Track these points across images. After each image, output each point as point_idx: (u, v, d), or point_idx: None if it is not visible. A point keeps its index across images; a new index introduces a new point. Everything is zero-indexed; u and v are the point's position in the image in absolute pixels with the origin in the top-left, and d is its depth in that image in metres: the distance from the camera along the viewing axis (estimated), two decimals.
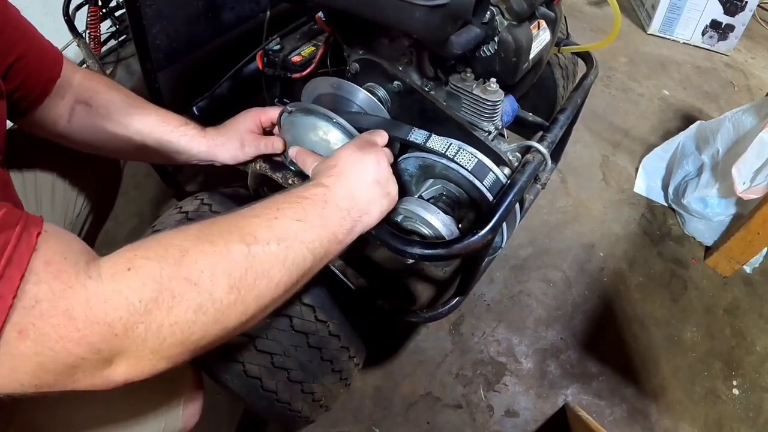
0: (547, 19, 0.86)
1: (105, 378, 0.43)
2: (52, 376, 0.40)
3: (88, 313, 0.40)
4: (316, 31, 1.07)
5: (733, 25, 2.60)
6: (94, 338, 0.40)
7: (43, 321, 0.38)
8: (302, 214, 0.57)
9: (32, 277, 0.38)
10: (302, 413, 0.86)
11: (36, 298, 0.38)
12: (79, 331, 0.39)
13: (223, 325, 0.48)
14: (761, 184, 1.40)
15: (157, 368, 0.46)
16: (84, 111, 0.78)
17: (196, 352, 0.48)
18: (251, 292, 0.49)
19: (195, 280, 0.46)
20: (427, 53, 0.86)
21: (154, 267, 0.44)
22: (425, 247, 0.70)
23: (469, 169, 0.76)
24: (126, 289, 0.42)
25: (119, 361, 0.43)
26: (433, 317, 0.93)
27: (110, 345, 0.41)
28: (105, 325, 0.41)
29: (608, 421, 1.28)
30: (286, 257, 0.53)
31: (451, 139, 0.80)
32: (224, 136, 0.85)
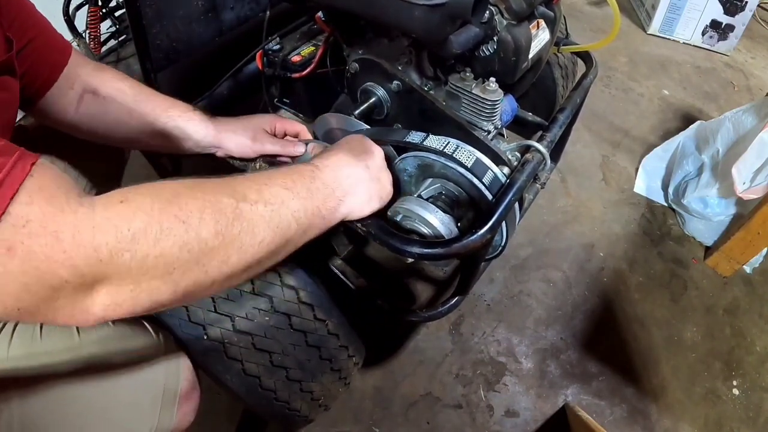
0: (546, 19, 0.86)
1: (84, 309, 0.44)
2: (35, 299, 0.41)
3: (75, 235, 0.41)
4: (316, 30, 1.07)
5: (733, 25, 2.60)
6: (79, 261, 0.41)
7: (32, 240, 0.39)
8: (290, 185, 0.59)
9: (24, 198, 0.39)
10: (301, 412, 0.86)
11: (27, 218, 0.39)
12: (65, 253, 0.40)
13: (205, 269, 0.49)
14: (761, 184, 1.40)
15: (136, 304, 0.46)
16: (92, 100, 0.79)
17: (177, 296, 0.49)
18: (234, 242, 0.51)
19: (184, 219, 0.47)
20: (426, 53, 0.86)
21: (146, 201, 0.46)
22: (424, 247, 0.70)
23: (468, 166, 0.76)
24: (116, 217, 0.43)
25: (100, 288, 0.44)
26: (432, 317, 0.93)
27: (94, 270, 0.42)
28: (91, 249, 0.41)
29: (608, 421, 1.28)
30: (271, 219, 0.55)
31: (448, 138, 0.80)
32: (235, 125, 0.87)
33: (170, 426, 0.72)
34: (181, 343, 0.75)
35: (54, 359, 0.65)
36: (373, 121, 0.92)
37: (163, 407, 0.71)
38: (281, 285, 0.77)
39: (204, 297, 0.53)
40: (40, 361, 0.64)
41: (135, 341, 0.71)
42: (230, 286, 0.54)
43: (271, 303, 0.76)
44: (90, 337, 0.68)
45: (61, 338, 0.66)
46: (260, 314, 0.76)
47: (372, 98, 0.88)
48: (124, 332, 0.71)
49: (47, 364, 0.64)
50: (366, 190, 0.69)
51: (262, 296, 0.76)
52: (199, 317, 0.74)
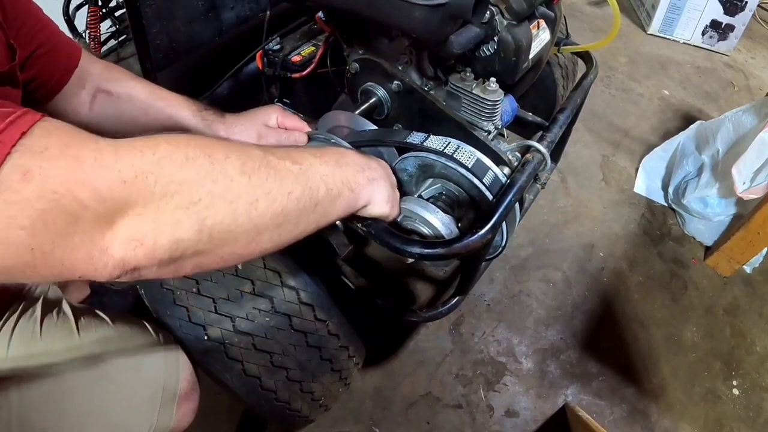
0: (546, 19, 0.86)
1: (104, 248, 0.40)
2: (51, 233, 0.37)
3: (98, 158, 0.39)
4: (316, 30, 1.07)
5: (733, 25, 2.60)
6: (100, 182, 0.39)
7: (51, 163, 0.37)
8: (319, 154, 0.58)
9: (42, 131, 0.38)
10: (301, 413, 0.86)
11: (46, 146, 0.37)
12: (85, 173, 0.38)
13: (232, 208, 0.46)
14: (761, 184, 1.40)
15: (158, 241, 0.42)
16: (106, 99, 0.80)
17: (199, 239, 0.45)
18: (262, 185, 0.48)
19: (209, 153, 0.45)
20: (426, 53, 0.86)
21: (172, 137, 0.44)
22: (425, 247, 0.70)
23: (468, 166, 0.76)
24: (140, 144, 0.42)
25: (121, 220, 0.41)
26: (432, 317, 0.93)
27: (116, 193, 0.39)
28: (114, 170, 0.39)
29: (608, 421, 1.28)
30: (299, 175, 0.53)
31: (449, 138, 0.80)
32: (243, 124, 0.89)
33: (169, 425, 0.72)
34: (182, 343, 0.75)
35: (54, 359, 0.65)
36: (373, 121, 0.92)
37: (162, 407, 0.71)
38: (282, 286, 0.77)
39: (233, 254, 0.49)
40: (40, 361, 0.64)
41: (135, 341, 0.71)
42: (261, 247, 0.51)
43: (272, 304, 0.76)
44: (90, 337, 0.68)
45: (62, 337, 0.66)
46: (261, 315, 0.76)
47: (372, 98, 0.88)
48: (124, 332, 0.71)
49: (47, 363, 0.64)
50: (387, 189, 0.68)
51: (262, 297, 0.76)
52: (199, 318, 0.74)
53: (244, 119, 0.89)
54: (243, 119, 0.89)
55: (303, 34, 1.07)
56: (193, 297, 0.74)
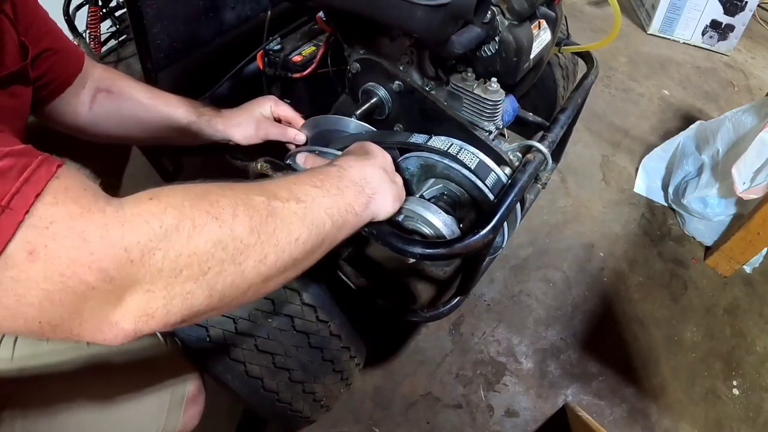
0: (547, 19, 0.86)
1: (113, 322, 0.40)
2: (59, 310, 0.37)
3: (104, 235, 0.38)
4: (317, 31, 1.07)
5: (733, 25, 2.60)
6: (107, 263, 0.38)
7: (57, 242, 0.36)
8: (319, 183, 0.58)
9: (49, 198, 0.37)
10: (303, 413, 0.86)
11: (51, 219, 0.37)
12: (92, 255, 0.37)
13: (241, 269, 0.46)
14: (761, 184, 1.40)
15: (170, 313, 0.43)
16: (106, 98, 0.81)
17: (213, 302, 0.45)
18: (270, 239, 0.48)
19: (216, 215, 0.45)
20: (427, 53, 0.86)
21: (176, 197, 0.44)
22: (426, 247, 0.70)
23: (471, 168, 0.76)
24: (146, 214, 0.41)
25: (130, 297, 0.41)
26: (433, 317, 0.93)
27: (124, 272, 0.39)
28: (121, 249, 0.39)
29: (608, 421, 1.28)
30: (305, 216, 0.53)
31: (452, 139, 0.80)
32: (240, 117, 0.92)
33: (175, 429, 0.72)
34: (184, 344, 0.75)
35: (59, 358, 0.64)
36: (374, 121, 0.92)
37: (169, 411, 0.71)
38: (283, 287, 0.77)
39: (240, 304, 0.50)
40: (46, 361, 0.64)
41: (142, 343, 0.71)
42: (266, 291, 0.51)
43: (274, 305, 0.76)
44: None
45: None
46: (263, 316, 0.76)
47: (373, 98, 0.88)
48: None
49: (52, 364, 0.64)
50: (390, 189, 0.68)
51: (264, 298, 0.76)
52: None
53: (240, 113, 0.92)
54: (239, 113, 0.92)
55: (304, 34, 1.06)
56: None
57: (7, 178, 0.36)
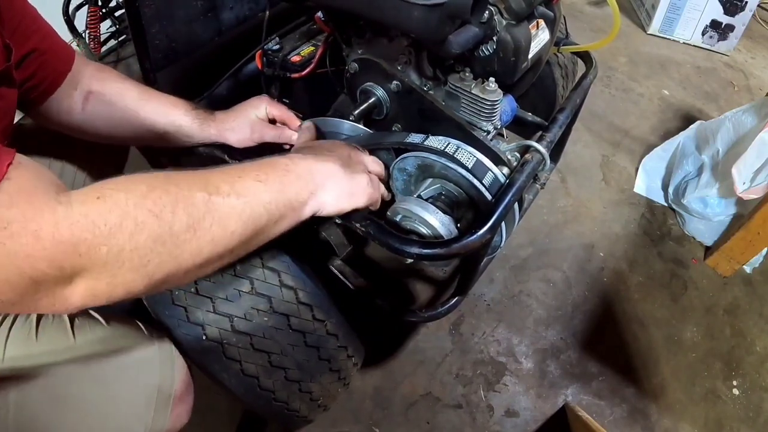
0: (545, 19, 0.86)
1: (64, 299, 0.46)
2: (17, 292, 0.43)
3: (55, 233, 0.43)
4: (316, 31, 1.07)
5: (733, 25, 2.60)
6: (58, 256, 0.43)
7: (13, 240, 0.41)
8: (264, 177, 0.61)
9: (5, 201, 0.42)
10: (300, 412, 0.86)
11: (8, 220, 0.41)
12: (45, 250, 0.43)
13: (177, 261, 0.51)
14: (761, 184, 1.40)
15: (113, 294, 0.49)
16: (98, 99, 0.81)
17: (151, 286, 0.51)
18: (206, 235, 0.53)
19: (157, 213, 0.49)
20: (425, 53, 0.86)
21: (121, 197, 0.48)
22: (424, 247, 0.70)
23: (469, 167, 0.76)
24: (93, 213, 0.45)
25: (79, 280, 0.46)
26: (432, 317, 0.93)
27: (73, 263, 0.44)
28: (70, 245, 0.44)
29: (608, 421, 1.28)
30: (243, 211, 0.56)
31: (449, 139, 0.80)
32: (235, 121, 0.90)
33: (163, 428, 0.72)
34: (180, 343, 0.75)
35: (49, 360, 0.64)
36: (372, 121, 0.92)
37: (157, 409, 0.71)
38: (280, 285, 0.77)
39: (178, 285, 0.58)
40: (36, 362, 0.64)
41: (129, 341, 0.71)
42: (203, 274, 0.57)
43: (270, 303, 0.76)
44: (86, 338, 0.68)
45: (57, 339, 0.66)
46: (259, 314, 0.76)
47: (371, 98, 0.88)
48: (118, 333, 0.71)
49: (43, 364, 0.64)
50: (337, 186, 0.69)
51: (260, 296, 0.76)
52: (197, 317, 0.74)
53: (234, 116, 0.91)
54: (233, 116, 0.91)
55: (302, 34, 1.07)
56: (192, 297, 0.74)
57: None
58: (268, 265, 0.77)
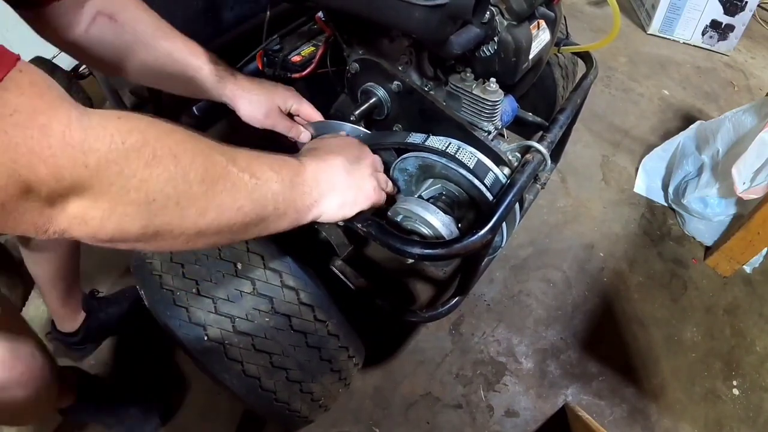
0: (546, 19, 0.86)
1: (49, 219, 0.41)
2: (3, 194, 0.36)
3: (66, 134, 0.38)
4: (316, 31, 1.07)
5: (733, 25, 2.60)
6: (63, 161, 0.38)
7: (17, 130, 0.35)
8: (277, 169, 0.60)
9: (14, 87, 0.36)
10: (301, 413, 0.86)
11: (15, 108, 0.36)
12: (50, 149, 0.37)
13: (181, 213, 0.48)
14: (761, 184, 1.40)
15: (104, 227, 0.44)
16: (107, 24, 0.73)
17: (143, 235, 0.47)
18: (216, 198, 0.50)
19: (176, 153, 0.46)
20: (426, 53, 0.86)
21: (143, 123, 0.44)
22: (425, 247, 0.70)
23: (470, 167, 0.76)
24: (112, 127, 0.41)
25: (74, 199, 0.41)
26: (432, 317, 0.93)
27: (76, 175, 0.39)
28: (80, 152, 0.39)
29: (608, 421, 1.28)
30: (253, 190, 0.55)
31: (450, 139, 0.80)
32: (256, 96, 0.85)
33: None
34: (182, 343, 0.75)
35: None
36: (373, 121, 0.92)
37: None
38: (281, 286, 0.77)
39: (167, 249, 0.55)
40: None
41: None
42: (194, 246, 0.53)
43: (272, 304, 0.76)
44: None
45: None
46: (260, 315, 0.76)
47: (372, 98, 0.88)
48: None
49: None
50: (340, 196, 0.69)
51: (262, 297, 0.76)
52: (199, 318, 0.74)
53: (258, 91, 0.85)
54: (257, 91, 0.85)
55: (303, 35, 1.06)
56: (193, 298, 0.74)
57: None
58: (270, 265, 0.77)
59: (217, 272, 0.76)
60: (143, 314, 0.87)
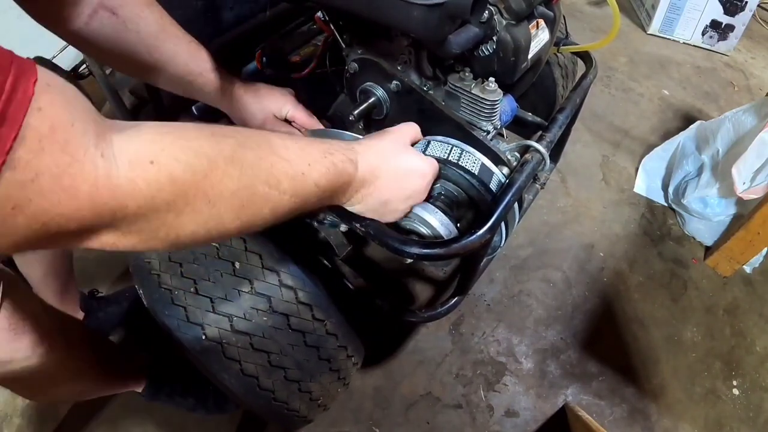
0: (545, 19, 0.86)
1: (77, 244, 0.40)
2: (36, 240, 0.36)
3: (94, 194, 0.36)
4: (315, 31, 1.07)
5: (733, 25, 2.60)
6: (92, 218, 0.37)
7: (43, 197, 0.33)
8: (323, 181, 0.57)
9: (33, 144, 0.31)
10: (300, 412, 0.86)
11: (36, 170, 0.32)
12: (79, 210, 0.35)
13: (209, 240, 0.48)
14: (761, 184, 1.40)
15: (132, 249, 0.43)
16: (108, 19, 0.70)
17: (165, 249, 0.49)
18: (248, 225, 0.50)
19: (212, 199, 0.44)
20: (425, 53, 0.86)
21: (178, 170, 0.41)
22: (423, 247, 0.70)
23: (475, 173, 0.76)
24: (141, 182, 0.38)
25: (104, 234, 0.40)
26: (432, 317, 0.93)
27: (105, 223, 0.38)
28: (108, 209, 0.37)
29: (608, 421, 1.28)
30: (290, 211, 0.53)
31: (449, 141, 0.80)
32: (251, 105, 0.85)
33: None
34: (180, 342, 0.75)
35: None
36: (372, 121, 0.92)
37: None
38: (280, 285, 0.77)
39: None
40: None
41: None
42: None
43: (270, 303, 0.76)
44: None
45: None
46: (258, 314, 0.76)
47: (371, 98, 0.88)
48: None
49: None
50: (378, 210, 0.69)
51: (260, 296, 0.76)
52: (197, 317, 0.74)
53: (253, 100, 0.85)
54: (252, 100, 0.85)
55: (302, 34, 1.07)
56: (191, 297, 0.74)
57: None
58: (268, 264, 0.77)
59: (215, 271, 0.76)
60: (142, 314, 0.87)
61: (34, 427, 1.20)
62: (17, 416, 1.21)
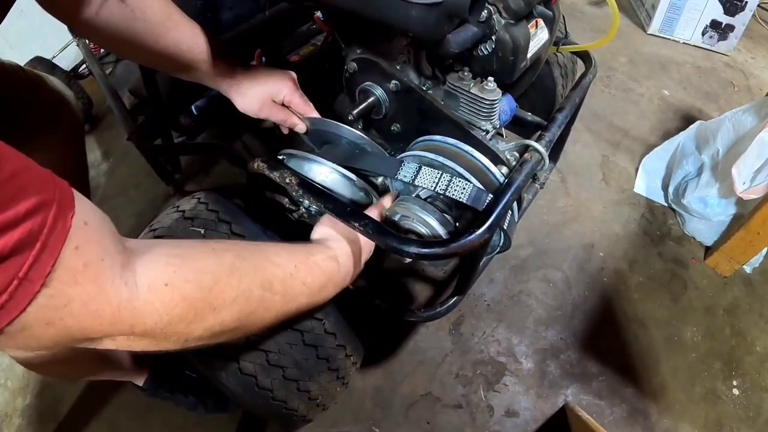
0: (545, 18, 0.86)
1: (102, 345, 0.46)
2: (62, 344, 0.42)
3: (116, 315, 0.43)
4: (315, 30, 1.07)
5: (733, 25, 2.60)
6: (113, 332, 0.44)
7: (72, 318, 0.40)
8: (309, 280, 0.66)
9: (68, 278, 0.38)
10: (299, 412, 0.86)
11: (69, 298, 0.39)
12: (102, 328, 0.42)
13: (215, 341, 0.55)
14: (761, 184, 1.40)
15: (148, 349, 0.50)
16: (117, 8, 0.73)
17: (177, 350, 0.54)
18: (248, 327, 0.58)
19: (216, 307, 0.52)
20: (424, 52, 0.86)
21: (188, 289, 0.49)
22: (422, 246, 0.70)
23: (464, 200, 0.75)
24: (158, 303, 0.46)
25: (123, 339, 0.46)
26: (431, 317, 0.93)
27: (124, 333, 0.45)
28: (128, 327, 0.44)
29: (608, 421, 1.28)
30: (282, 309, 0.62)
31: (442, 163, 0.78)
32: (249, 89, 0.89)
33: None
34: None
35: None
36: (371, 120, 0.93)
37: None
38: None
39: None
40: None
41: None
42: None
43: None
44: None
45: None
46: None
47: (370, 98, 0.88)
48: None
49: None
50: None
51: None
52: None
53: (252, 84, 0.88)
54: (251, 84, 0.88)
55: (302, 34, 1.07)
56: None
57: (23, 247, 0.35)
58: None
59: None
60: None
61: (34, 427, 1.20)
62: (17, 416, 1.22)
